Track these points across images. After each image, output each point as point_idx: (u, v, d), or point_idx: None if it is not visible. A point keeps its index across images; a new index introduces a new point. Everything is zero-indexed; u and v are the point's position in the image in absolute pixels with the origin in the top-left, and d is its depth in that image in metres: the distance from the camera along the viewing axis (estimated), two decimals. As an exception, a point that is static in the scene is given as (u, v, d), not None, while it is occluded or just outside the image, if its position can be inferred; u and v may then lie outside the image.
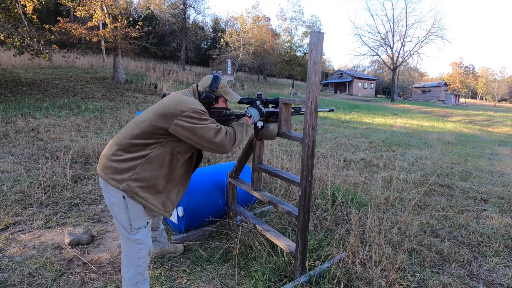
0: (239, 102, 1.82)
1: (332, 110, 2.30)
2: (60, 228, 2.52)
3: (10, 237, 2.32)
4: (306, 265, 1.90)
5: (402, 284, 1.94)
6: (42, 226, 2.52)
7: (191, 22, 27.82)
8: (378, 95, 48.72)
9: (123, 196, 1.47)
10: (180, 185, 1.66)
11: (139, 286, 1.58)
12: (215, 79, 1.66)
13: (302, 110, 2.07)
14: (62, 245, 2.26)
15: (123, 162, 1.46)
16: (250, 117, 1.77)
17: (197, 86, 1.71)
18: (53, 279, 1.88)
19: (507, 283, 2.05)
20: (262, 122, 1.86)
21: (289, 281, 1.85)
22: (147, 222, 1.62)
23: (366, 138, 7.88)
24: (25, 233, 2.40)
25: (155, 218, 2.04)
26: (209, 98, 1.64)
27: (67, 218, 2.69)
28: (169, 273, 2.00)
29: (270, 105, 2.02)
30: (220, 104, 1.73)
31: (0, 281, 1.83)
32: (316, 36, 1.54)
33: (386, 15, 56.61)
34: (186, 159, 1.62)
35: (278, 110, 1.95)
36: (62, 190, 3.20)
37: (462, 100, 46.50)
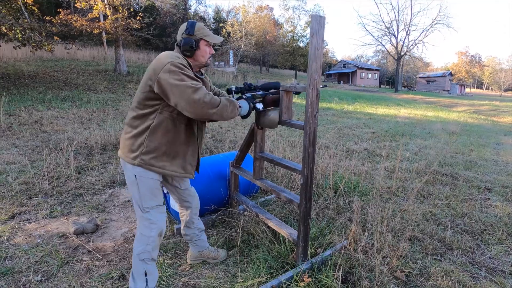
0: (228, 92, 1.75)
1: (326, 86, 2.26)
2: (65, 218, 2.55)
3: (16, 226, 2.36)
4: (308, 252, 1.91)
5: (403, 271, 1.95)
6: (47, 216, 2.55)
7: (192, 13, 27.51)
8: (382, 86, 48.22)
9: (135, 176, 1.51)
10: (193, 145, 1.63)
11: (146, 263, 1.58)
12: (191, 23, 1.54)
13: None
14: (67, 234, 2.29)
15: (132, 139, 1.50)
16: (239, 107, 1.64)
17: (176, 44, 1.61)
18: (59, 266, 1.91)
19: (510, 270, 2.05)
20: (261, 104, 1.80)
21: (291, 268, 1.86)
22: (159, 205, 1.60)
23: (369, 128, 7.82)
24: (30, 223, 2.44)
25: (188, 210, 1.89)
26: (189, 43, 1.51)
27: (72, 208, 2.72)
28: (173, 261, 2.02)
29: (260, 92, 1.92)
30: (203, 49, 1.57)
31: (7, 268, 1.86)
32: (317, 20, 1.50)
33: (391, 3, 55.59)
34: (188, 120, 1.56)
35: (266, 93, 1.88)
36: (66, 180, 3.23)
37: (467, 90, 45.90)
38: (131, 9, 14.28)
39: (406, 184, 3.59)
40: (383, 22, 37.64)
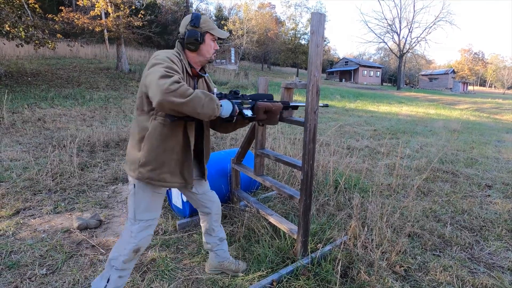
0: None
1: (327, 106, 2.11)
2: (69, 213, 2.59)
3: (21, 222, 2.40)
4: (308, 247, 1.94)
5: (402, 266, 1.98)
6: (51, 211, 2.59)
7: (194, 10, 27.46)
8: (384, 83, 48.02)
9: (134, 185, 1.45)
10: (187, 151, 1.49)
11: (113, 271, 1.47)
12: (195, 15, 1.44)
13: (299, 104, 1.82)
14: (71, 229, 2.33)
15: (132, 148, 1.45)
16: (220, 105, 1.38)
17: (179, 38, 1.50)
18: (63, 260, 1.95)
19: (508, 266, 2.07)
20: (250, 111, 1.52)
21: (292, 263, 1.89)
22: (150, 220, 1.49)
23: (371, 126, 7.82)
24: (35, 218, 2.48)
25: (207, 216, 1.79)
26: (193, 35, 1.41)
27: (75, 204, 2.76)
28: (175, 255, 2.05)
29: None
30: (208, 44, 1.48)
31: (13, 262, 1.90)
32: (318, 18, 1.52)
33: (393, 0, 55.12)
34: (181, 124, 1.44)
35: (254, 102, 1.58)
36: (69, 177, 3.27)
37: (470, 87, 45.64)
38: (133, 7, 14.28)
39: (407, 181, 3.60)
40: (386, 19, 37.45)
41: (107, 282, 1.47)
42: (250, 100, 1.57)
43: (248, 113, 1.49)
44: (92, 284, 1.52)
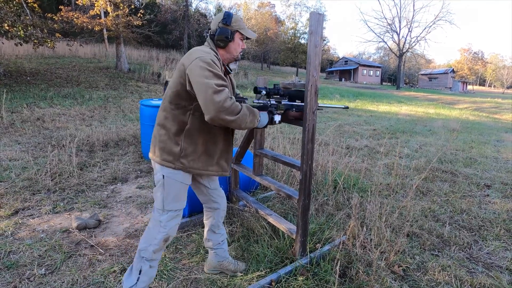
0: (255, 91, 1.65)
1: (347, 108, 2.17)
2: (68, 213, 2.59)
3: (20, 222, 2.40)
4: (307, 247, 1.94)
5: (401, 266, 1.98)
6: (50, 211, 2.59)
7: (193, 10, 27.43)
8: (383, 83, 48.03)
9: (163, 176, 1.48)
10: (229, 143, 1.60)
11: (144, 262, 1.53)
12: (228, 14, 1.49)
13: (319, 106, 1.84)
14: (70, 229, 2.33)
15: (168, 141, 1.46)
16: (259, 118, 1.52)
17: (210, 35, 1.55)
18: (62, 260, 1.95)
19: (506, 265, 2.08)
20: (279, 116, 1.64)
21: (290, 263, 1.89)
22: (178, 210, 1.54)
23: (370, 126, 7.83)
24: (34, 218, 2.48)
25: (215, 211, 1.80)
26: (224, 33, 1.46)
27: (74, 204, 2.76)
28: (174, 255, 2.05)
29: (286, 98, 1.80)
30: (237, 43, 1.54)
31: (11, 262, 1.90)
32: (316, 18, 1.52)
33: (393, 0, 55.11)
34: None
35: (296, 103, 1.76)
36: (68, 177, 3.27)
37: (469, 87, 45.69)
38: (132, 6, 14.27)
39: (406, 181, 3.61)
40: (385, 18, 37.45)
41: (139, 273, 1.52)
42: (286, 101, 1.74)
43: (278, 119, 1.61)
44: (124, 280, 1.56)
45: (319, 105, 1.84)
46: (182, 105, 1.43)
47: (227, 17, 1.48)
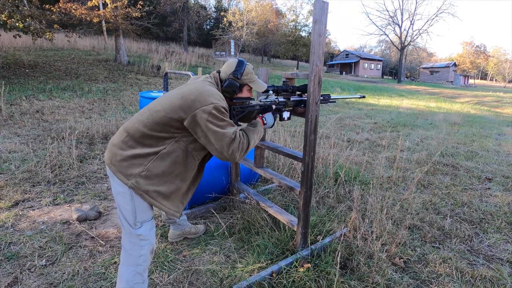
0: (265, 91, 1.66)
1: (364, 97, 2.13)
2: (68, 205, 2.58)
3: (20, 213, 2.39)
4: (308, 239, 1.94)
5: (402, 258, 1.98)
6: (50, 203, 2.59)
7: (193, 1, 27.06)
8: (384, 76, 47.76)
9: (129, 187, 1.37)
10: (192, 184, 1.50)
11: (140, 286, 1.42)
12: (240, 65, 1.48)
13: (332, 98, 1.89)
14: (70, 221, 2.32)
15: (133, 155, 1.32)
16: (264, 123, 1.60)
17: (219, 72, 1.53)
18: (62, 252, 1.95)
19: (507, 258, 2.08)
20: (288, 113, 1.64)
21: (291, 255, 1.89)
22: (152, 217, 1.45)
23: (371, 119, 7.79)
24: (34, 210, 2.47)
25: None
26: (232, 87, 1.46)
27: (74, 196, 2.75)
28: (174, 247, 2.05)
29: (297, 93, 1.84)
30: (244, 93, 1.54)
31: (12, 253, 1.90)
32: (321, 6, 1.48)
33: (395, -8, 54.37)
34: (202, 156, 1.47)
35: (305, 99, 1.75)
36: (68, 169, 3.25)
37: (471, 81, 45.42)
38: (131, -3, 14.05)
39: (407, 174, 3.60)
40: (387, 11, 37.13)
41: None
42: (296, 98, 1.77)
43: (286, 115, 1.65)
44: None
45: (332, 97, 1.84)
46: (170, 131, 1.33)
47: (239, 69, 1.47)
